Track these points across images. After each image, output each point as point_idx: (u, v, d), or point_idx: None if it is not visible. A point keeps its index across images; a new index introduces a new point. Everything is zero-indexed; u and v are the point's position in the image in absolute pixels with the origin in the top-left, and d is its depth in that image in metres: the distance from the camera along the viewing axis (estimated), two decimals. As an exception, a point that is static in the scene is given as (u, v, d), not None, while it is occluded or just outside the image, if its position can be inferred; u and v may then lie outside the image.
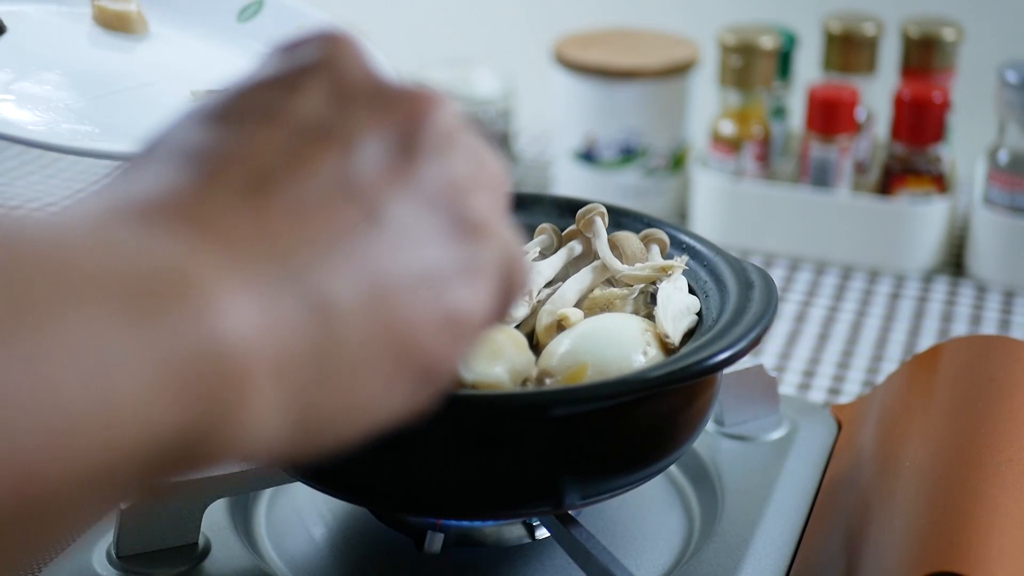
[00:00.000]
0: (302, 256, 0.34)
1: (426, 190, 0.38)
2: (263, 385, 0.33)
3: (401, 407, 0.37)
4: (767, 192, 1.07)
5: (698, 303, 0.62)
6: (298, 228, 0.35)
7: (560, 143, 1.15)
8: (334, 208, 0.36)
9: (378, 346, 0.36)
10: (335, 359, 0.35)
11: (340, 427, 0.36)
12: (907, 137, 1.04)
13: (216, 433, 0.32)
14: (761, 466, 0.69)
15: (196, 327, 0.31)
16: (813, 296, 1.02)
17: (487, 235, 0.39)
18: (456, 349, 0.38)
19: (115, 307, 0.30)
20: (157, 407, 0.30)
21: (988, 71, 1.08)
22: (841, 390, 0.88)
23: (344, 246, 0.35)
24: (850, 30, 1.08)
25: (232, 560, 0.61)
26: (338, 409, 0.35)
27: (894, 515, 0.60)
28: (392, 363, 0.36)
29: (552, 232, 0.65)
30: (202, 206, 0.34)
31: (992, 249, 1.03)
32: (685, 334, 0.60)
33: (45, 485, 0.29)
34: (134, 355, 0.30)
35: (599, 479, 0.56)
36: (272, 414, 0.33)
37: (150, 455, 0.31)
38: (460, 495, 0.55)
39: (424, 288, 0.37)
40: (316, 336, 0.34)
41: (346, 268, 0.35)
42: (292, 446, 0.35)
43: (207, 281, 0.32)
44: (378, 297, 0.36)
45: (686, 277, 0.63)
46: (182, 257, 0.32)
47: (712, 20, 1.19)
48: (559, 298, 0.61)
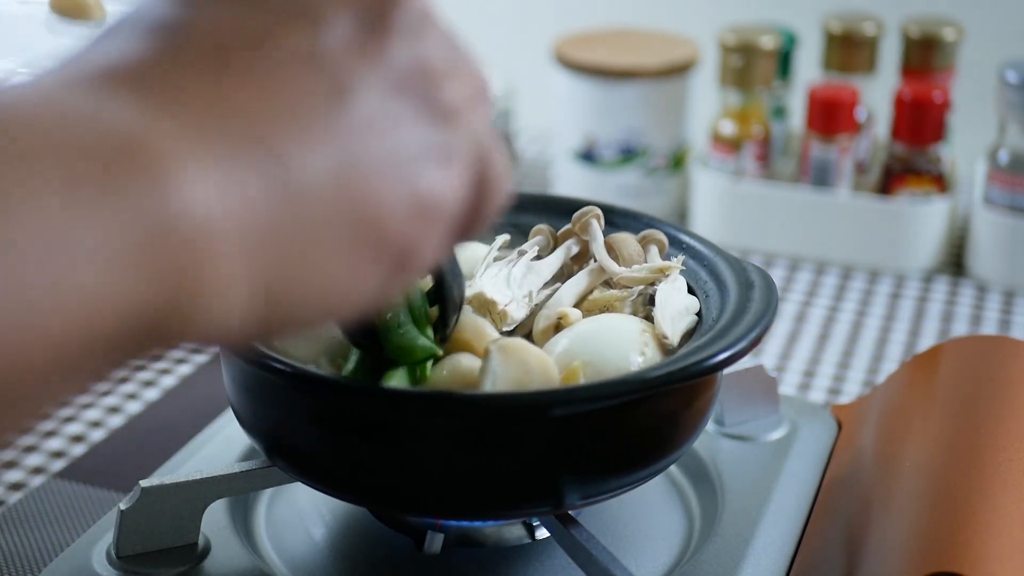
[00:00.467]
0: (267, 129, 0.33)
1: (396, 69, 0.37)
2: (228, 259, 0.32)
3: (372, 292, 0.37)
4: (767, 192, 1.07)
5: (697, 303, 0.62)
6: (263, 101, 0.34)
7: (560, 143, 1.15)
8: (301, 81, 0.35)
9: (345, 225, 0.35)
10: (301, 236, 0.34)
11: (307, 307, 0.35)
12: (907, 137, 1.04)
13: (182, 311, 0.31)
14: (761, 466, 0.69)
15: (158, 201, 0.30)
16: (813, 296, 1.02)
17: (460, 123, 0.38)
18: (427, 234, 0.37)
19: (73, 182, 0.29)
20: (121, 287, 0.30)
21: (988, 71, 1.08)
22: (841, 390, 0.88)
23: (311, 120, 0.34)
24: (850, 30, 1.08)
25: (232, 560, 0.61)
26: (304, 288, 0.35)
27: (894, 515, 0.60)
28: (360, 244, 0.35)
29: (548, 233, 0.65)
30: (165, 75, 0.33)
31: (992, 249, 1.03)
32: (684, 334, 0.60)
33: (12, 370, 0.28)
34: (95, 234, 0.29)
35: (599, 479, 0.56)
36: (238, 289, 0.32)
37: (118, 335, 0.30)
38: (460, 495, 0.55)
39: (393, 167, 0.36)
40: (281, 211, 0.33)
41: (312, 142, 0.34)
42: (258, 325, 0.34)
43: (168, 152, 0.31)
44: (345, 174, 0.35)
45: (685, 277, 0.63)
46: (143, 127, 0.31)
47: (712, 20, 1.19)
48: (556, 302, 0.61)
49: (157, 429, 0.80)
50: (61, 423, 0.81)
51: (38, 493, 0.73)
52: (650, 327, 0.59)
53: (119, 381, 0.86)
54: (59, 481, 0.74)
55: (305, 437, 0.56)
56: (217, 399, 0.75)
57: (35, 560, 0.67)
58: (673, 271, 0.62)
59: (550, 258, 0.64)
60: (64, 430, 0.81)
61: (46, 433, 0.80)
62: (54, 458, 0.78)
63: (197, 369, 0.88)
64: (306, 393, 0.55)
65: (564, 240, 0.65)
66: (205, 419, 0.76)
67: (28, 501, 0.72)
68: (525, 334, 0.61)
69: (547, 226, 0.66)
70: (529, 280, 0.62)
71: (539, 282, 0.62)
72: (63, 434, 0.80)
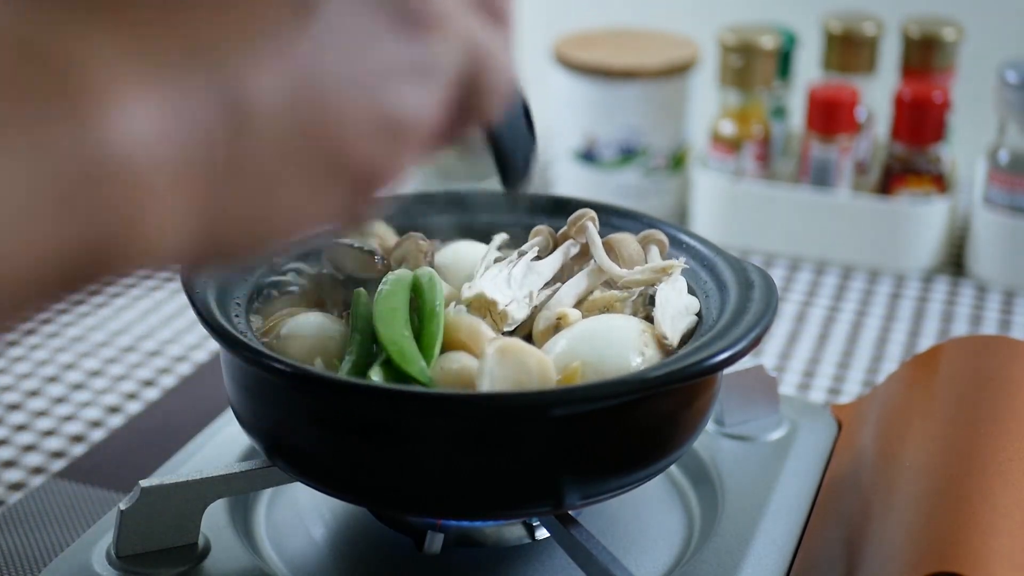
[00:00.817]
0: (219, 49, 0.31)
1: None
2: (165, 193, 0.30)
3: (332, 213, 0.35)
4: (767, 192, 1.07)
5: (697, 303, 0.62)
6: (217, 18, 0.31)
7: (560, 143, 1.15)
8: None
9: (301, 149, 0.33)
10: (251, 162, 0.32)
11: (256, 233, 0.34)
12: (907, 137, 1.04)
13: (120, 243, 0.30)
14: (761, 466, 0.69)
15: (89, 139, 0.28)
16: (813, 296, 1.02)
17: (445, 30, 0.36)
18: (395, 154, 0.35)
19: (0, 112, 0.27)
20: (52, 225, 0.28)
21: (988, 71, 1.08)
22: (841, 390, 0.88)
23: (267, 39, 0.32)
24: (850, 30, 1.08)
25: (232, 560, 0.61)
26: (256, 212, 0.33)
27: (894, 515, 0.60)
28: (317, 167, 0.34)
29: (548, 234, 0.65)
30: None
31: (992, 249, 1.03)
32: (685, 334, 0.60)
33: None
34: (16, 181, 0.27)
35: (599, 479, 0.56)
36: (178, 220, 0.31)
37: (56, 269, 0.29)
38: (460, 495, 0.55)
39: (358, 86, 0.34)
40: (230, 136, 0.31)
41: (268, 63, 0.32)
42: (207, 249, 0.33)
43: (105, 76, 0.29)
44: (303, 96, 0.33)
45: (686, 277, 0.63)
46: (75, 46, 0.29)
47: (712, 20, 1.19)
48: (556, 302, 0.61)
49: (157, 429, 0.80)
50: (61, 423, 0.81)
51: (38, 493, 0.73)
52: (650, 327, 0.59)
53: (118, 379, 0.87)
54: (59, 481, 0.74)
55: (305, 437, 0.56)
56: (217, 399, 0.75)
57: (35, 560, 0.67)
58: (675, 270, 0.62)
59: (550, 259, 0.64)
60: (64, 430, 0.81)
61: (46, 433, 0.80)
62: (54, 458, 0.78)
63: (197, 369, 0.88)
64: (306, 393, 0.55)
65: (563, 241, 0.65)
66: (205, 419, 0.76)
67: (28, 501, 0.72)
68: (525, 335, 0.61)
69: (547, 227, 0.66)
70: (529, 280, 0.62)
71: (539, 282, 0.62)
72: (63, 434, 0.80)
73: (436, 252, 0.66)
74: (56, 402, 0.84)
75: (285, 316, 0.61)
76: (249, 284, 0.63)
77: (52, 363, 0.89)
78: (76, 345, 0.91)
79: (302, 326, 0.60)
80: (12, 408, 0.83)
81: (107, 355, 0.90)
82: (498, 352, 0.54)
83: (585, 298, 0.62)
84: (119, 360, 0.90)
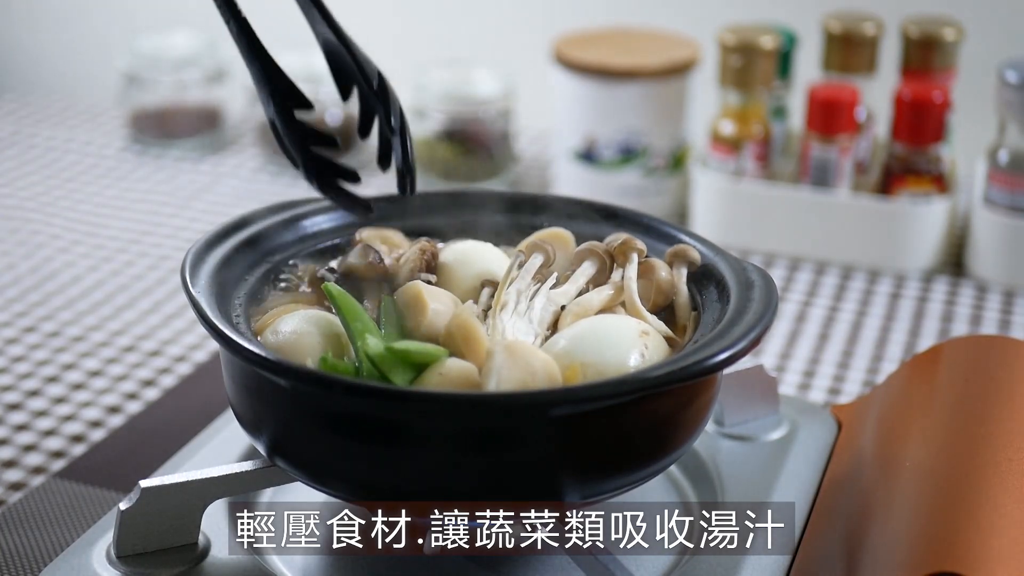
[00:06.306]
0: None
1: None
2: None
3: None
4: (767, 192, 1.07)
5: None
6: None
7: (560, 143, 1.15)
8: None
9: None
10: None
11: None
12: (907, 137, 1.04)
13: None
14: (761, 466, 0.69)
15: None
16: (813, 296, 1.02)
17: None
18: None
19: None
20: None
21: (988, 71, 1.08)
22: (841, 390, 0.88)
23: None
24: (850, 30, 1.08)
25: (232, 560, 0.61)
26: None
27: (894, 515, 0.60)
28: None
29: (603, 255, 0.64)
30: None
31: (992, 249, 1.03)
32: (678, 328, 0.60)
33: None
34: None
35: (599, 478, 0.56)
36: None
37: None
38: (460, 495, 0.55)
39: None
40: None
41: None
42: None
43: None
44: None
45: (686, 277, 0.63)
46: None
47: (712, 20, 1.19)
48: (585, 301, 0.61)
49: (157, 429, 0.80)
50: (61, 423, 0.81)
51: (38, 493, 0.73)
52: (649, 328, 0.59)
53: (118, 379, 0.87)
54: (59, 481, 0.74)
55: (305, 437, 0.56)
56: (217, 399, 0.75)
57: (35, 560, 0.67)
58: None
59: (567, 287, 0.63)
60: (64, 430, 0.81)
61: (46, 433, 0.80)
62: (54, 458, 0.78)
63: (197, 369, 0.88)
64: (306, 393, 0.55)
65: (610, 261, 0.64)
66: (205, 419, 0.76)
67: (28, 501, 0.72)
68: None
69: (601, 248, 0.64)
70: (547, 311, 0.61)
71: (553, 309, 0.62)
72: (63, 434, 0.80)
73: (440, 252, 0.66)
74: (56, 402, 0.84)
75: (281, 313, 0.61)
76: (249, 284, 0.63)
77: (52, 363, 0.89)
78: (76, 345, 0.91)
79: (300, 323, 0.60)
80: (12, 408, 0.83)
81: (107, 355, 0.90)
82: (505, 352, 0.54)
83: (608, 308, 0.62)
84: (119, 360, 0.90)
